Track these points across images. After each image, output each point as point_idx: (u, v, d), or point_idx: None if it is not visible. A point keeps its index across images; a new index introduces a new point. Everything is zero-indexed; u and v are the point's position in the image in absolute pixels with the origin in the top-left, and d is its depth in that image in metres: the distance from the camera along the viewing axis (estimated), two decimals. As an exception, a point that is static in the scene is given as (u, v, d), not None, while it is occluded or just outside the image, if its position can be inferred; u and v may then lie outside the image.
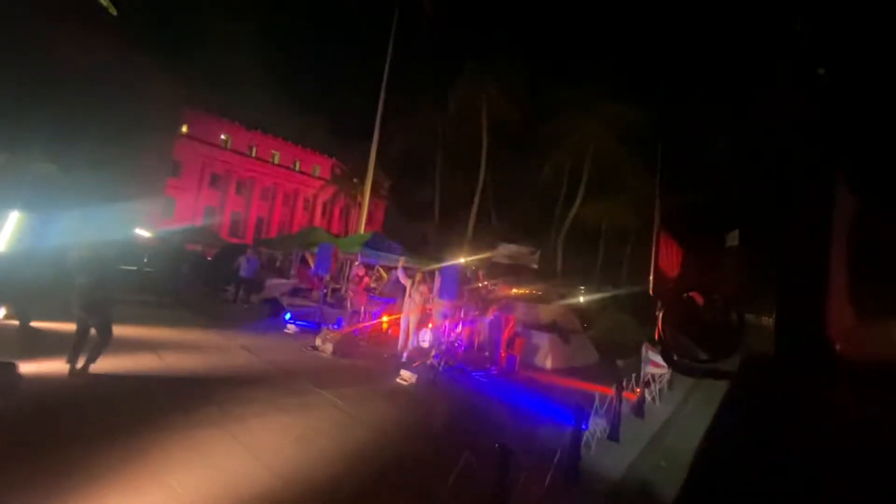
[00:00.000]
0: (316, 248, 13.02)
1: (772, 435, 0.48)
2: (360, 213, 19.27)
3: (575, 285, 21.98)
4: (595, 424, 5.14)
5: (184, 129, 32.90)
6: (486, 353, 8.92)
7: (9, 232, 7.01)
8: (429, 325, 8.47)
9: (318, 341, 7.89)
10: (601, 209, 27.18)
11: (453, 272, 8.84)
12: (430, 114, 27.69)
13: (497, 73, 26.00)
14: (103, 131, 19.58)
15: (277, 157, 40.52)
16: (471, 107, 26.78)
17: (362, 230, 17.91)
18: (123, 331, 6.15)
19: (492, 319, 9.00)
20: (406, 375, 6.60)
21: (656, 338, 0.90)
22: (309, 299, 12.76)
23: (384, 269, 12.99)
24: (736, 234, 0.83)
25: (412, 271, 9.14)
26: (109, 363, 5.14)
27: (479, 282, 12.62)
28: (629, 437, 5.41)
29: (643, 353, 7.64)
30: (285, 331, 9.18)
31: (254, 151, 38.84)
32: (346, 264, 13.97)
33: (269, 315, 10.71)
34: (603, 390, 6.10)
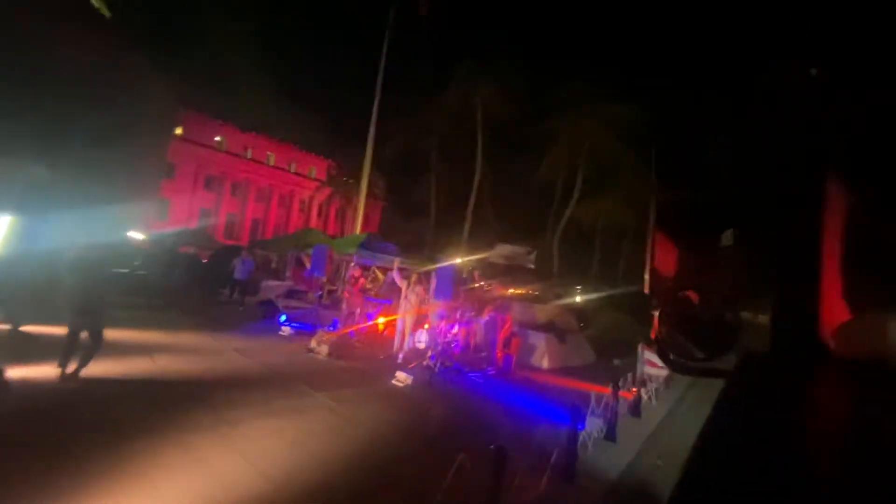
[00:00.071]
0: (311, 250, 12.97)
1: (767, 433, 0.47)
2: (356, 214, 19.20)
3: (572, 285, 21.99)
4: (592, 424, 5.14)
5: (178, 130, 32.70)
6: (483, 353, 8.92)
7: (0, 236, 6.94)
8: (425, 326, 8.45)
9: (314, 343, 7.84)
10: (597, 208, 27.23)
11: (449, 273, 8.83)
12: (425, 114, 27.68)
13: (492, 72, 26.05)
14: (96, 133, 19.42)
15: (273, 159, 40.35)
16: (466, 106, 26.81)
17: (358, 231, 17.85)
18: (116, 334, 6.09)
19: (488, 320, 9.00)
20: (402, 377, 6.57)
21: (652, 337, 0.89)
22: (304, 301, 12.71)
23: (380, 271, 12.96)
24: (731, 232, 0.83)
25: (408, 272, 9.11)
26: (102, 367, 5.07)
27: (476, 282, 12.61)
28: (626, 437, 5.40)
29: (639, 353, 7.65)
30: (280, 333, 9.11)
31: (249, 153, 38.66)
32: (341, 265, 13.93)
33: (265, 317, 10.62)
34: (599, 390, 6.09)
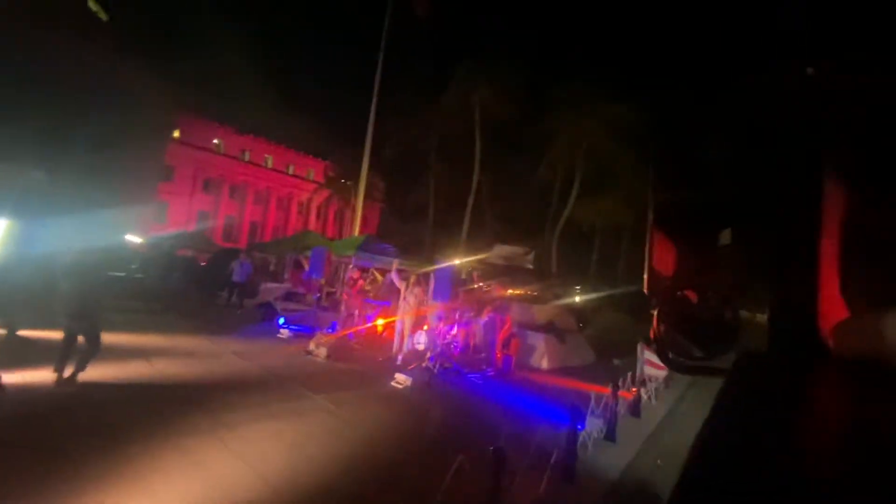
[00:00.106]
0: (309, 252, 12.94)
1: (766, 433, 0.46)
2: (355, 215, 19.18)
3: (570, 285, 21.97)
4: (591, 424, 5.13)
5: (176, 133, 32.66)
6: (482, 354, 8.90)
7: (-2, 240, 6.91)
8: (424, 328, 8.43)
9: (312, 345, 7.81)
10: (596, 208, 27.19)
11: (447, 274, 8.81)
12: (423, 115, 27.66)
13: (490, 72, 26.02)
14: (95, 136, 19.41)
15: (270, 161, 40.32)
16: (465, 107, 26.79)
17: (356, 233, 17.84)
18: (113, 338, 6.06)
19: (487, 321, 8.98)
20: (401, 379, 6.55)
21: (651, 336, 0.88)
22: (303, 303, 12.67)
23: (379, 272, 12.93)
24: (729, 231, 0.82)
25: (406, 273, 9.09)
26: (99, 371, 5.05)
27: (474, 283, 12.60)
28: (626, 437, 5.39)
29: (639, 353, 7.64)
30: (279, 335, 9.08)
31: (247, 155, 38.63)
32: (340, 267, 13.91)
33: (263, 320, 10.59)
34: (599, 390, 6.08)
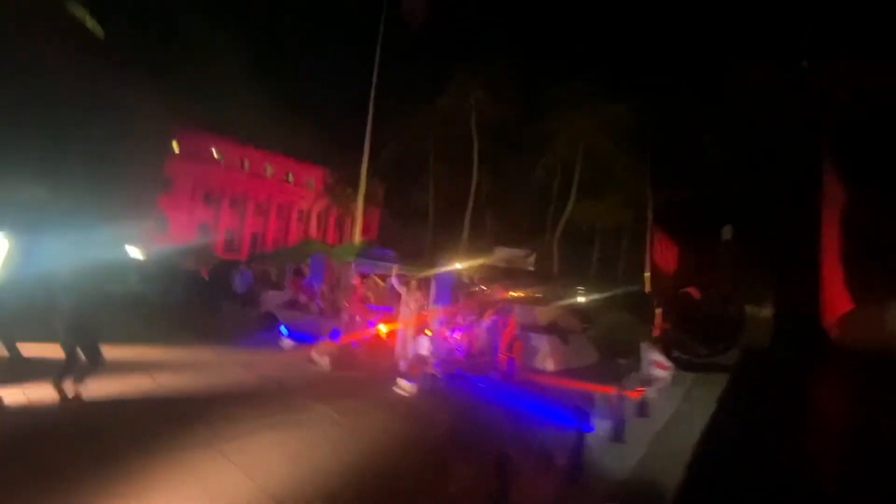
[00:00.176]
0: (310, 260, 12.93)
1: (768, 433, 0.43)
2: (355, 222, 19.17)
3: (572, 285, 21.87)
4: (598, 425, 5.07)
5: (175, 145, 32.77)
6: (486, 358, 8.83)
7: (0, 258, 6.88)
8: (426, 333, 8.37)
9: (315, 354, 7.76)
10: (596, 208, 27.16)
11: (448, 278, 8.78)
12: (421, 118, 27.68)
13: (486, 74, 26.04)
14: (94, 150, 19.48)
15: (270, 171, 40.38)
16: (461, 110, 26.81)
17: (357, 239, 17.82)
18: (115, 352, 6.01)
19: (489, 324, 8.93)
20: (405, 385, 6.51)
21: (654, 335, 0.85)
22: (304, 311, 12.63)
23: (379, 278, 12.90)
24: (730, 229, 0.79)
25: (406, 278, 9.06)
26: (100, 386, 5.01)
27: (476, 286, 12.55)
28: (633, 437, 5.32)
29: (643, 352, 7.57)
30: (281, 345, 9.04)
31: (246, 166, 38.70)
32: (341, 275, 13.88)
33: (265, 329, 10.56)
34: (605, 390, 6.02)
